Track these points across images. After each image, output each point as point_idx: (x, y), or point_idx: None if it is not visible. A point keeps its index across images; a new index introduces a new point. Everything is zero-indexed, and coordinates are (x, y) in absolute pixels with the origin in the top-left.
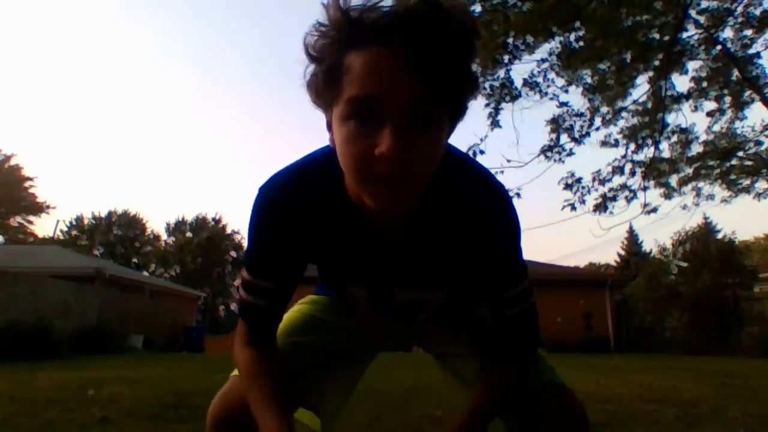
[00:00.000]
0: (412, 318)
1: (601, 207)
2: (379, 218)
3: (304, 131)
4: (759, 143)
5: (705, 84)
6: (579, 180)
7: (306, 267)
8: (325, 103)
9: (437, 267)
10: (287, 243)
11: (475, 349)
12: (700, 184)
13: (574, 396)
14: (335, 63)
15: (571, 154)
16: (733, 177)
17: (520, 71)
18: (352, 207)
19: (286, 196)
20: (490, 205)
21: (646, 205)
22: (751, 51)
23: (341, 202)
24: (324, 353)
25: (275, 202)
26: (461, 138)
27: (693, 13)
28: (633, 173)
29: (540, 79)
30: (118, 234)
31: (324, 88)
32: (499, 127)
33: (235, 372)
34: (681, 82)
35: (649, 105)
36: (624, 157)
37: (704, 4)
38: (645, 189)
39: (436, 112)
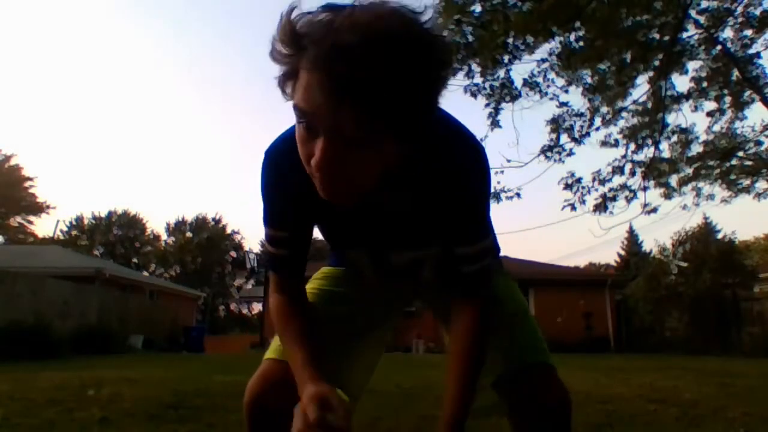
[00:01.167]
0: (416, 277)
1: (601, 207)
2: None
3: None
4: (759, 143)
5: (705, 84)
6: (579, 180)
7: (313, 223)
8: (285, 96)
9: (422, 224)
10: (291, 197)
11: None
12: (700, 184)
13: (556, 376)
14: (288, 71)
15: (571, 154)
16: (733, 177)
17: (520, 71)
18: None
19: (284, 155)
20: (463, 159)
21: (646, 205)
22: (751, 51)
23: None
24: (341, 328)
25: (276, 161)
26: None
27: (693, 13)
28: (633, 173)
29: (540, 79)
30: (118, 234)
31: (283, 88)
32: (499, 127)
33: (268, 354)
34: (681, 82)
35: (649, 105)
36: (624, 157)
37: (704, 4)
38: (645, 189)
39: (366, 137)
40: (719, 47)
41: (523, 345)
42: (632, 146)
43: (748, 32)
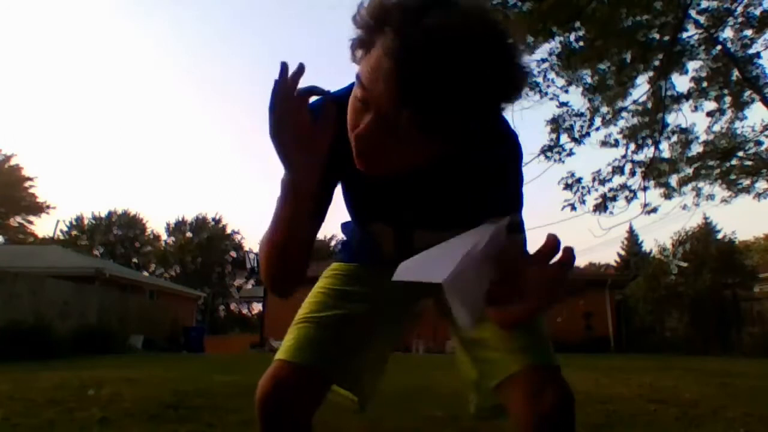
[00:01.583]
0: None
1: (601, 207)
2: None
3: None
4: (759, 143)
5: (705, 84)
6: (579, 180)
7: (334, 189)
8: (353, 60)
9: (455, 203)
10: (331, 150)
11: None
12: (700, 184)
13: (561, 377)
14: (363, 39)
15: (571, 154)
16: (733, 177)
17: None
18: None
19: (337, 108)
20: (504, 148)
21: (646, 205)
22: (751, 51)
23: None
24: (354, 328)
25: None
26: None
27: (693, 13)
28: (633, 173)
29: (540, 79)
30: (118, 234)
31: (352, 50)
32: None
33: (280, 355)
34: (681, 82)
35: (649, 105)
36: (624, 157)
37: (704, 4)
38: (645, 189)
39: (414, 136)
40: (719, 47)
41: (530, 345)
42: (632, 146)
43: (748, 32)
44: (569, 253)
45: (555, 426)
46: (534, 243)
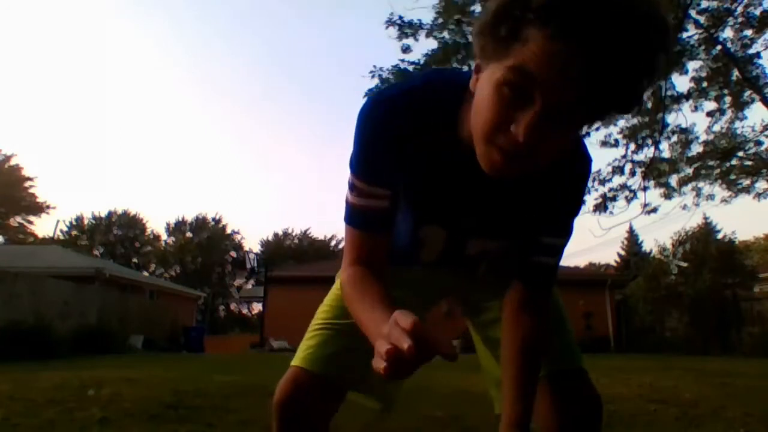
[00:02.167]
0: (473, 270)
1: (601, 207)
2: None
3: (304, 131)
4: (759, 143)
5: (705, 84)
6: None
7: (400, 191)
8: (486, 54)
9: (520, 214)
10: (391, 154)
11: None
12: (700, 184)
13: (590, 380)
14: (517, 25)
15: None
16: (733, 177)
17: None
18: (458, 142)
19: (395, 110)
20: (581, 168)
21: (646, 205)
22: (751, 51)
23: (447, 134)
24: None
25: (396, 112)
26: None
27: (693, 13)
28: (633, 173)
29: None
30: (118, 234)
31: (492, 42)
32: None
33: (297, 362)
34: (681, 82)
35: (649, 105)
36: (624, 157)
37: (704, 4)
38: (645, 189)
39: (583, 119)
40: (719, 47)
41: (556, 348)
42: (632, 146)
43: (748, 32)
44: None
45: (583, 429)
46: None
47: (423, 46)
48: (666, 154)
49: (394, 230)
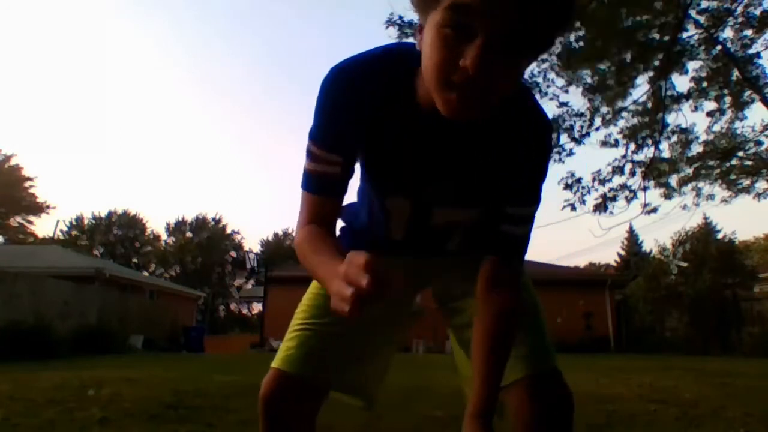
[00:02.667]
0: (442, 245)
1: (601, 207)
2: (442, 123)
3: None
4: (759, 143)
5: (705, 84)
6: (579, 180)
7: (356, 159)
8: (424, 5)
9: (482, 179)
10: (350, 121)
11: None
12: (700, 184)
13: (563, 380)
14: None
15: (571, 154)
16: (733, 177)
17: None
18: (417, 106)
19: (363, 76)
20: (540, 129)
21: (646, 205)
22: (751, 51)
23: (407, 99)
24: (353, 335)
25: (352, 78)
26: None
27: (693, 13)
28: (633, 173)
29: (540, 79)
30: (118, 234)
31: None
32: None
33: (276, 364)
34: (681, 82)
35: (649, 105)
36: (624, 157)
37: (704, 4)
38: (645, 189)
39: (526, 45)
40: (719, 47)
41: (530, 352)
42: (632, 146)
43: (748, 32)
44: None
45: (556, 424)
46: (535, 243)
47: None
48: (666, 154)
49: (365, 209)
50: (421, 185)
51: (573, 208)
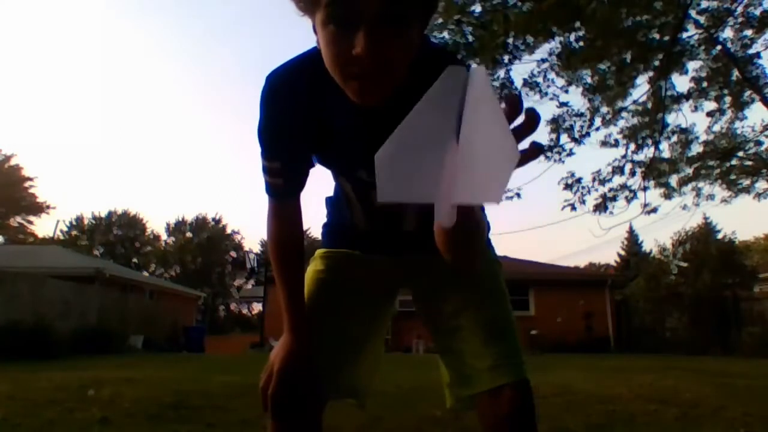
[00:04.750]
0: (399, 226)
1: (601, 207)
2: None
3: None
4: (759, 143)
5: (705, 84)
6: (579, 180)
7: (310, 152)
8: (308, 8)
9: None
10: (289, 125)
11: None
12: (700, 184)
13: (529, 389)
14: None
15: (571, 154)
16: (733, 177)
17: (520, 71)
18: (344, 99)
19: (292, 79)
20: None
21: (646, 205)
22: (751, 51)
23: (335, 94)
24: (344, 323)
25: (277, 87)
26: None
27: (693, 13)
28: (633, 173)
29: (540, 79)
30: (118, 234)
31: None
32: None
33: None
34: (681, 82)
35: (649, 105)
36: (624, 157)
37: (704, 4)
38: (645, 189)
39: (406, 12)
40: (719, 47)
41: (500, 363)
42: (632, 146)
43: (748, 32)
44: (532, 115)
45: (520, 425)
46: (535, 243)
47: None
48: (666, 154)
49: (337, 199)
50: (355, 166)
51: (573, 208)
